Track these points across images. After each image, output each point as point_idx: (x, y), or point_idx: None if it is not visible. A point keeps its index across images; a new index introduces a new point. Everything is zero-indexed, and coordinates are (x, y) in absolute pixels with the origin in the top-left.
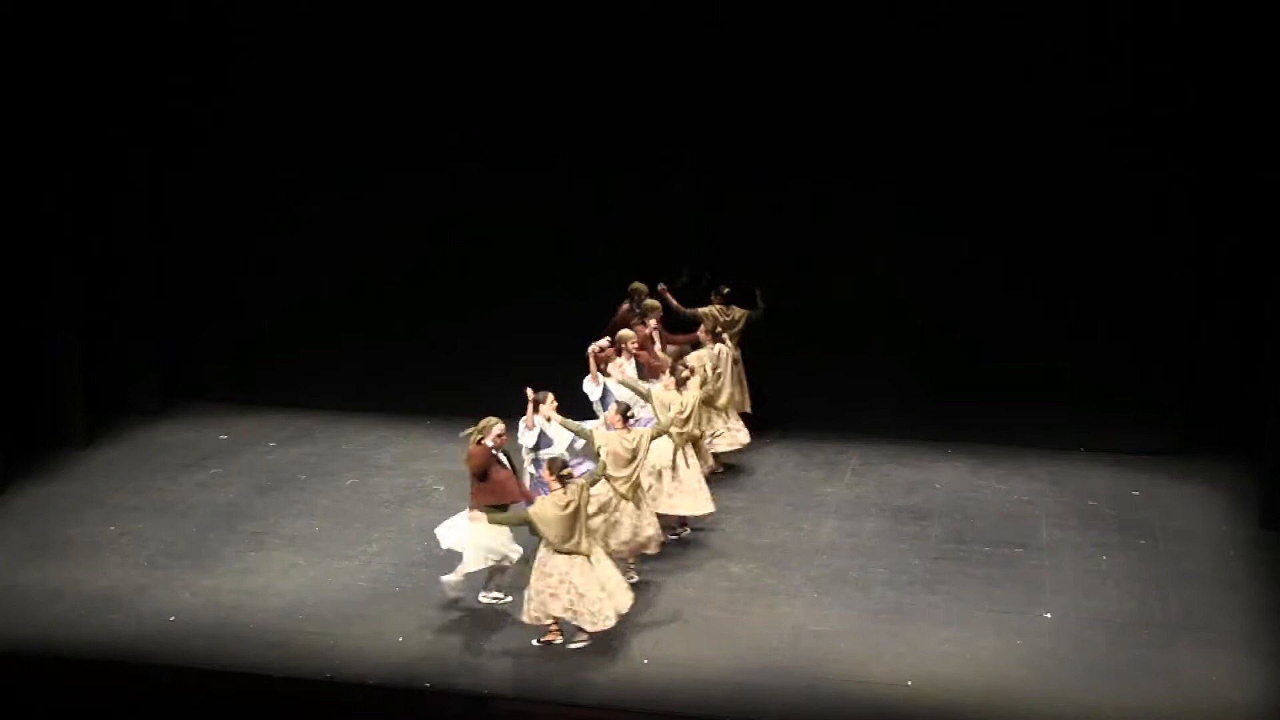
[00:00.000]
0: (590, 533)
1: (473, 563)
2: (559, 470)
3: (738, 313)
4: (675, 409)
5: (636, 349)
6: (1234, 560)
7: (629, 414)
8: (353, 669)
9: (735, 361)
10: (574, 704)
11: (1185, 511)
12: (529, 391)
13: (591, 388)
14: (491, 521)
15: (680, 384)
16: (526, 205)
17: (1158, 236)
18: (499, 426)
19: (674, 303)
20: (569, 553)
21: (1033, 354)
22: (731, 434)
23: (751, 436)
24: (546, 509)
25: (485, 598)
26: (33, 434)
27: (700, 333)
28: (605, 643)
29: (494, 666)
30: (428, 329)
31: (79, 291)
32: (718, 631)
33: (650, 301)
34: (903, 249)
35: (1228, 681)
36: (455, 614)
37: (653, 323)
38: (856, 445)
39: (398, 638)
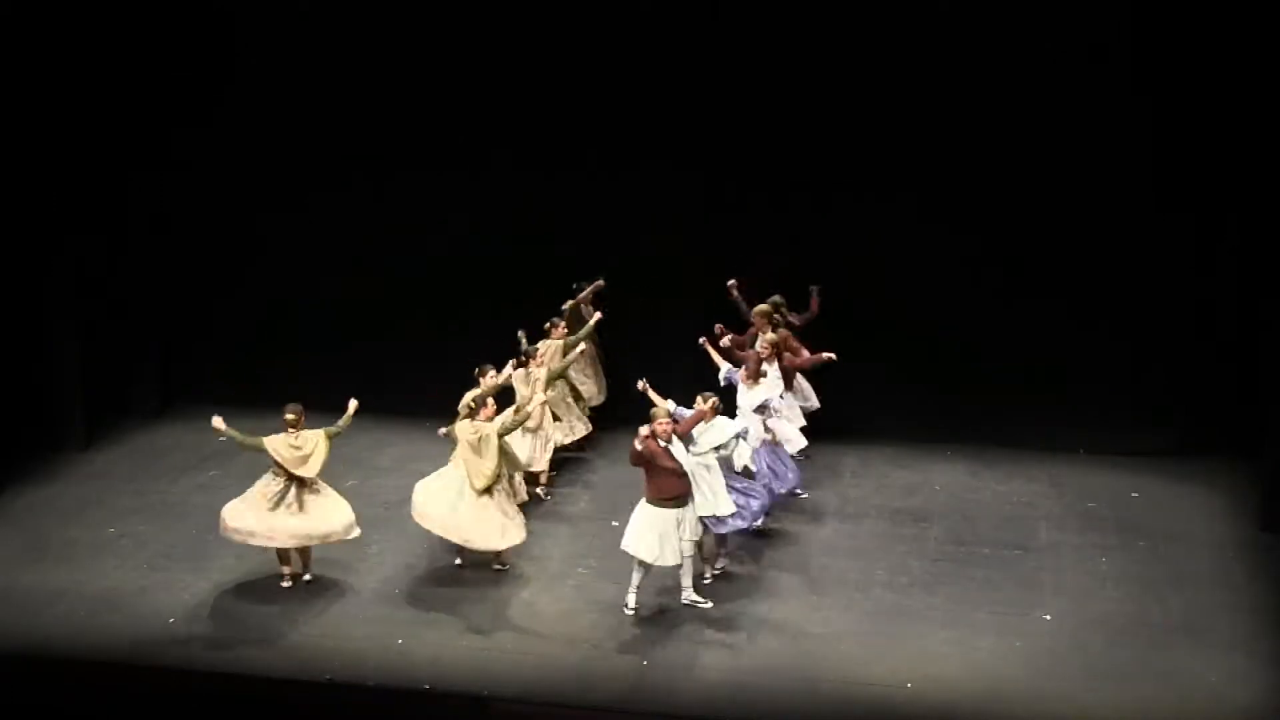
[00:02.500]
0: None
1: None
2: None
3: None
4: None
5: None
6: (1233, 562)
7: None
8: (352, 671)
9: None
10: (573, 705)
11: (1184, 514)
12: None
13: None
14: None
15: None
16: (528, 207)
17: (1157, 238)
18: (662, 418)
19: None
20: None
21: (1032, 356)
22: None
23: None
24: None
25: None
26: (32, 436)
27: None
28: (605, 645)
29: (493, 668)
30: (428, 331)
31: (78, 294)
32: (717, 633)
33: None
34: (902, 250)
35: (1226, 683)
36: (454, 616)
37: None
38: (856, 447)
39: (397, 639)
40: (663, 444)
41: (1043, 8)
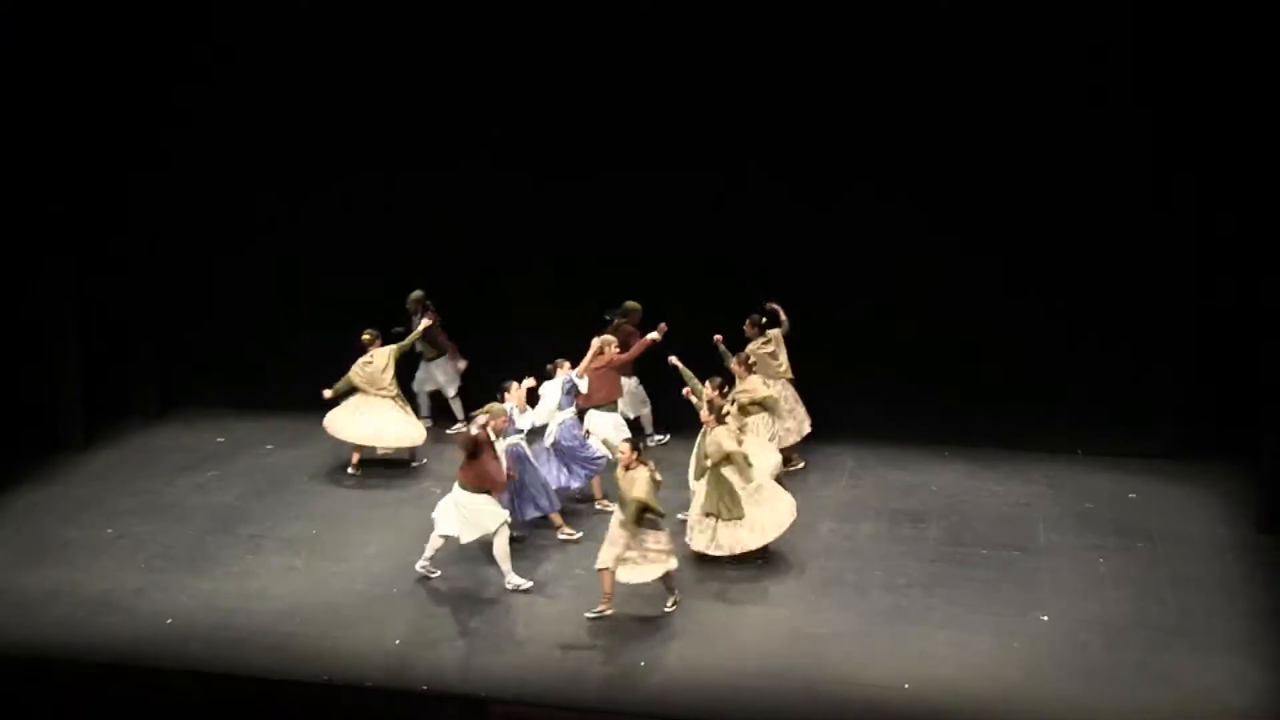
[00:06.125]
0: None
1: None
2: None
3: (772, 334)
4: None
5: (615, 351)
6: (1231, 564)
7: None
8: (350, 672)
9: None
10: (571, 707)
11: (1183, 515)
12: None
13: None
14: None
15: (720, 419)
16: (527, 210)
17: (1156, 239)
18: (498, 415)
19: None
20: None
21: (1030, 357)
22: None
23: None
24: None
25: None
26: (31, 437)
27: (734, 365)
28: (603, 646)
29: (491, 669)
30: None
31: (78, 295)
32: (715, 634)
33: (630, 304)
34: (900, 252)
35: (1224, 685)
36: (452, 617)
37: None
38: (853, 448)
39: (395, 640)
40: (493, 438)
41: (1044, 14)
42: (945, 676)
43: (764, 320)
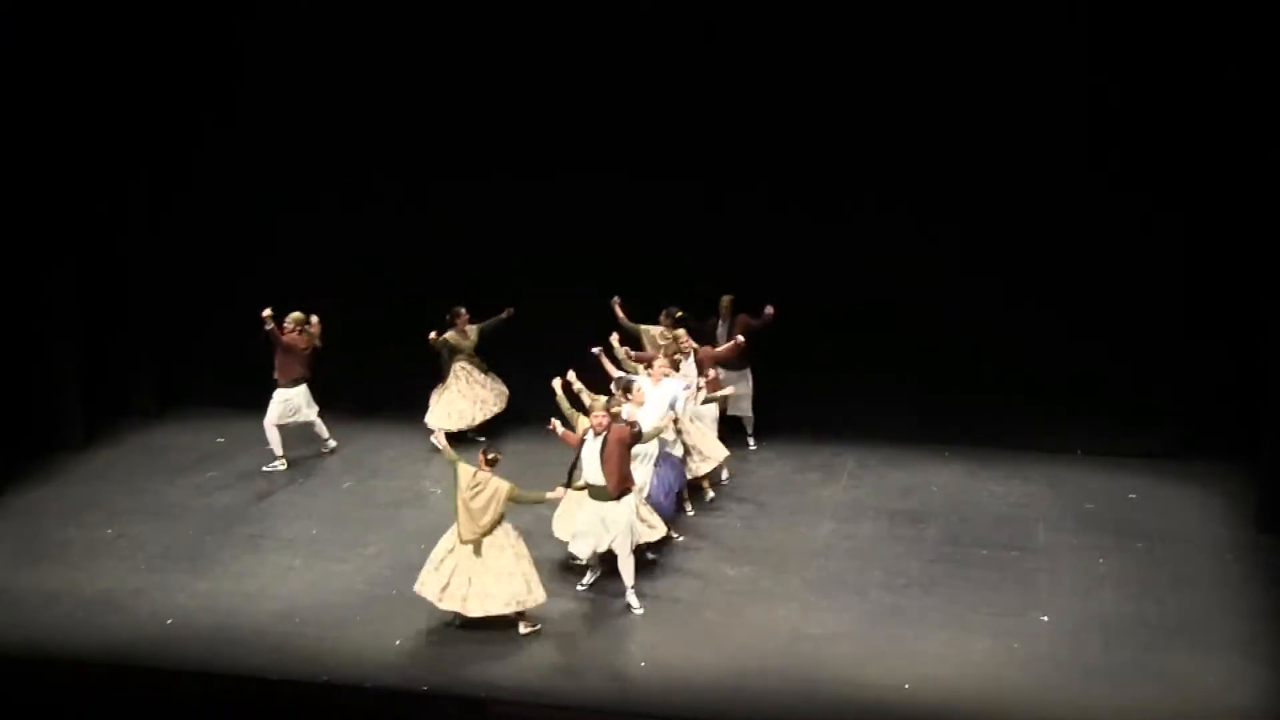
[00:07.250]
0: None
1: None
2: (487, 456)
3: (683, 337)
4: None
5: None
6: (1231, 564)
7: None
8: (349, 672)
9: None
10: (570, 707)
11: (1182, 515)
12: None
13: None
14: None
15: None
16: (526, 212)
17: (1153, 239)
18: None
19: (621, 316)
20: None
21: (1029, 357)
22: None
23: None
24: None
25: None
26: (31, 436)
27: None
28: (603, 646)
29: (490, 669)
30: (425, 333)
31: (78, 294)
32: (714, 634)
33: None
34: (900, 252)
35: (1224, 685)
36: (452, 616)
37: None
38: (853, 448)
39: (394, 641)
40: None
41: (1040, 19)
42: (944, 676)
43: (680, 315)
